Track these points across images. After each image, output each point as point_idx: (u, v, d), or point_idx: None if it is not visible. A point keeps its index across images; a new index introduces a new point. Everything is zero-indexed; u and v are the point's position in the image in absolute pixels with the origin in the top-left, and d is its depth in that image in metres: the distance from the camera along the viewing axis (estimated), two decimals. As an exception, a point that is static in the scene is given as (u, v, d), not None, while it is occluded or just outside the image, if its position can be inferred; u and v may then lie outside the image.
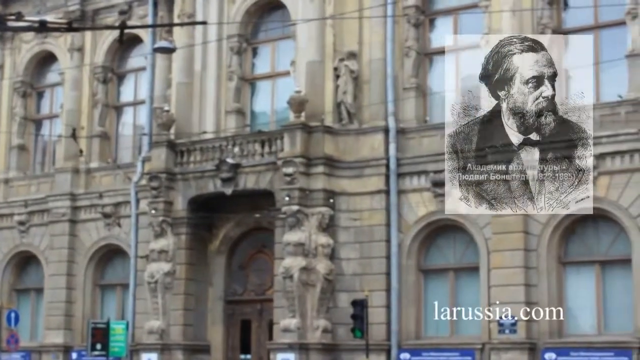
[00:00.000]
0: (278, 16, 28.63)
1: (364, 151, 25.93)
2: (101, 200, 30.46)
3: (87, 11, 32.03)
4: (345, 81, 26.34)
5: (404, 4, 26.32)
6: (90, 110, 31.75)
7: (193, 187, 27.42)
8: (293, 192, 25.29)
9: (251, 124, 28.66)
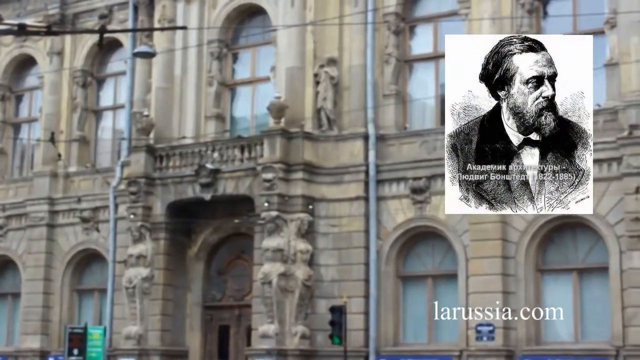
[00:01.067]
0: (259, 22, 28.65)
1: (343, 157, 25.95)
2: (79, 204, 30.31)
3: (67, 15, 31.94)
4: (325, 87, 26.36)
5: (384, 11, 26.37)
6: (69, 114, 31.64)
7: (172, 192, 27.37)
8: (272, 197, 25.27)
9: (231, 129, 28.64)
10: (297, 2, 26.75)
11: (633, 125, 22.35)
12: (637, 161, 22.18)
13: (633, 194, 21.97)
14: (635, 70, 22.66)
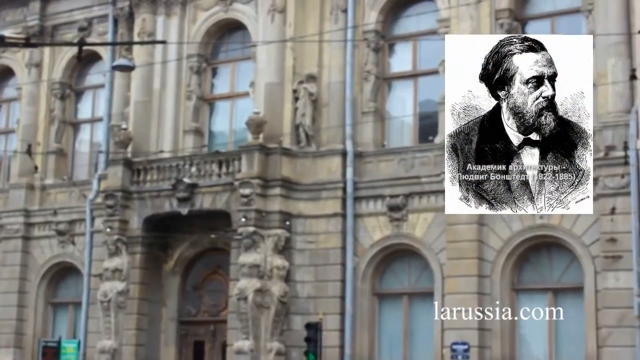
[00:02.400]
0: (238, 37, 28.70)
1: (321, 174, 25.97)
2: (55, 217, 30.15)
3: (46, 27, 31.84)
4: (304, 104, 26.40)
5: (364, 28, 26.47)
6: (46, 126, 31.50)
7: (149, 206, 27.28)
8: (249, 213, 25.24)
9: (209, 144, 28.61)
10: (277, 18, 26.80)
11: (609, 146, 22.50)
12: (613, 182, 22.31)
13: (609, 215, 22.09)
14: (612, 91, 22.83)
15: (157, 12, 29.03)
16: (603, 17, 23.34)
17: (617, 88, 22.68)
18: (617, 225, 22.11)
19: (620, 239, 22.06)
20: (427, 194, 24.82)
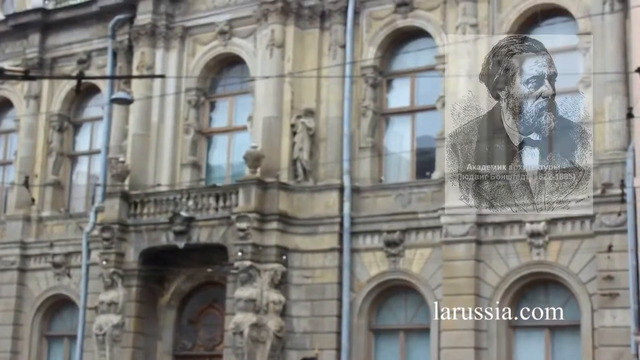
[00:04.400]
0: (237, 71, 28.81)
1: (318, 209, 25.95)
2: (52, 249, 30.08)
3: (45, 59, 31.93)
4: (302, 138, 26.44)
5: (362, 64, 26.56)
6: (44, 158, 31.51)
7: (145, 239, 27.24)
8: (246, 247, 25.20)
9: (206, 177, 28.62)
10: (276, 52, 26.91)
11: (606, 183, 22.53)
12: (610, 220, 22.32)
13: (605, 252, 22.08)
14: (609, 129, 22.90)
15: (156, 45, 29.15)
16: (600, 54, 23.45)
17: (614, 126, 22.76)
18: (614, 262, 22.08)
19: (617, 277, 22.03)
20: (424, 229, 24.81)
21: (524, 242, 23.46)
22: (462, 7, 25.18)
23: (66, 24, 31.78)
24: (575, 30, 24.23)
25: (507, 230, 23.76)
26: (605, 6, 23.34)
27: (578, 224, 23.04)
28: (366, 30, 26.84)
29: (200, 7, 29.04)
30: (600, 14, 23.33)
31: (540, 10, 24.71)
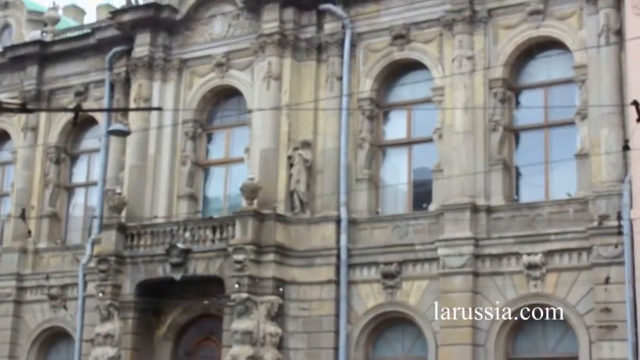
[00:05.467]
0: (234, 103, 28.90)
1: (315, 241, 25.92)
2: (48, 281, 29.99)
3: (43, 91, 32.03)
4: (299, 170, 26.46)
5: (359, 96, 26.64)
6: (41, 190, 31.52)
7: (142, 271, 27.17)
8: (243, 279, 25.14)
9: (203, 209, 28.62)
10: (273, 85, 26.99)
11: (603, 215, 22.53)
12: (607, 251, 22.31)
13: (603, 284, 22.04)
14: (606, 161, 22.95)
15: (153, 77, 29.25)
16: (596, 87, 23.56)
17: (611, 158, 22.81)
18: (612, 295, 22.06)
19: (615, 309, 22.00)
20: (421, 261, 24.79)
21: (521, 274, 23.43)
22: (458, 39, 25.31)
23: (64, 57, 31.92)
24: (571, 63, 24.36)
25: (504, 262, 23.74)
26: (601, 39, 23.47)
27: (575, 256, 23.04)
28: (363, 62, 26.95)
29: (198, 39, 29.17)
30: (596, 46, 23.46)
31: (536, 42, 24.87)
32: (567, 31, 24.40)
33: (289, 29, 27.25)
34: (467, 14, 25.24)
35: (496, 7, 25.30)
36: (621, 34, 23.30)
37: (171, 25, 29.38)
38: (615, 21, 23.50)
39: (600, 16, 23.63)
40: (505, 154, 24.72)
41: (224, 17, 28.76)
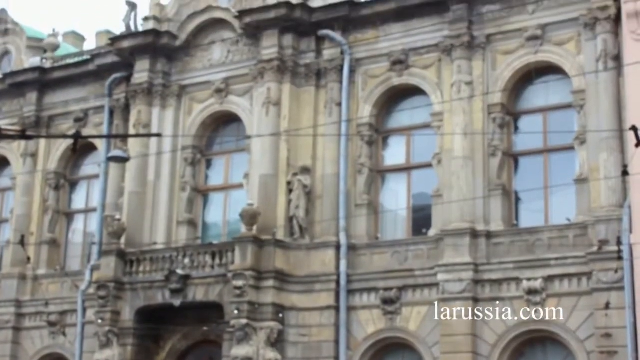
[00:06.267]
0: (233, 129, 28.93)
1: (314, 266, 25.89)
2: (47, 308, 29.90)
3: (42, 117, 32.07)
4: (298, 196, 26.46)
5: (358, 121, 26.68)
6: (40, 216, 31.50)
7: (141, 297, 27.11)
8: (242, 305, 25.08)
9: (203, 235, 28.61)
10: (272, 110, 27.04)
11: (602, 240, 22.52)
12: (607, 277, 22.28)
13: (603, 310, 21.99)
14: (605, 186, 22.96)
15: (152, 103, 29.31)
16: (595, 112, 23.61)
17: (610, 183, 22.82)
18: (612, 320, 22.01)
19: (615, 334, 21.95)
20: (421, 287, 24.75)
21: (521, 299, 23.38)
22: (457, 65, 25.39)
23: (63, 83, 31.98)
24: (570, 88, 24.43)
25: (504, 287, 23.70)
26: (599, 64, 23.55)
27: (575, 281, 23.00)
28: (362, 88, 27.02)
29: (197, 65, 29.24)
30: (594, 72, 23.54)
31: (534, 68, 24.93)
32: (566, 56, 24.48)
33: (288, 55, 27.33)
34: (466, 40, 25.33)
35: (494, 32, 25.40)
36: (619, 60, 23.38)
37: (170, 51, 29.46)
38: (613, 47, 23.59)
39: (598, 42, 23.73)
40: (504, 179, 24.74)
41: (223, 44, 28.85)
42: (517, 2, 25.08)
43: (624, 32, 23.18)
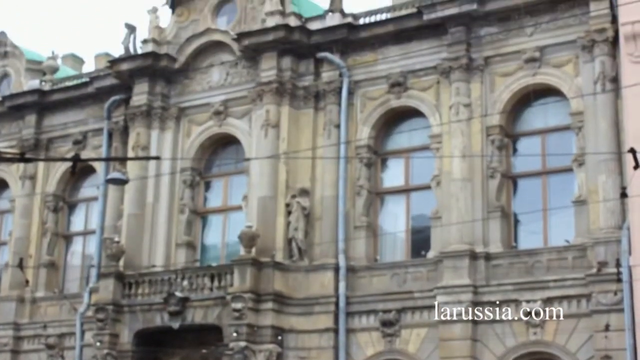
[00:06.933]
0: (232, 151, 28.96)
1: (313, 288, 25.85)
2: (45, 330, 29.80)
3: (41, 139, 32.09)
4: (297, 217, 26.45)
5: (356, 143, 26.71)
6: (39, 238, 31.47)
7: (140, 320, 27.05)
8: (241, 327, 25.03)
9: (201, 257, 28.58)
10: (271, 132, 27.07)
11: (602, 262, 22.50)
12: (606, 298, 22.25)
13: (603, 332, 21.94)
14: (603, 207, 22.96)
15: (151, 126, 29.34)
16: (593, 134, 23.65)
17: (609, 204, 22.82)
18: (612, 342, 21.94)
19: (616, 356, 21.90)
20: (420, 309, 24.70)
21: (520, 321, 23.33)
22: (455, 87, 25.45)
23: (62, 105, 32.04)
24: (568, 110, 24.46)
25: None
26: (597, 86, 23.61)
27: (574, 303, 22.96)
28: (360, 110, 27.06)
29: (196, 88, 29.30)
30: (592, 94, 23.58)
31: (532, 90, 24.99)
32: (564, 78, 24.55)
33: (286, 77, 27.40)
34: (464, 62, 25.40)
35: (492, 55, 25.48)
36: (617, 82, 23.43)
37: (169, 73, 29.53)
38: (611, 69, 23.65)
39: (596, 64, 23.80)
40: (503, 200, 24.75)
41: (222, 66, 28.90)
42: (515, 25, 25.14)
43: (622, 54, 23.24)
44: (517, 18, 25.13)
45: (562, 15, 24.58)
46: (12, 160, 17.58)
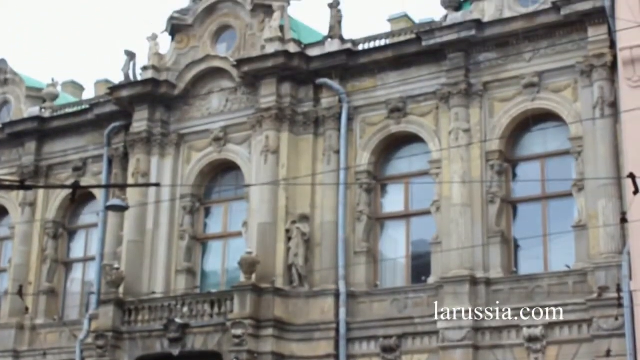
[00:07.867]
0: (232, 177, 28.98)
1: (314, 314, 25.79)
2: (45, 358, 29.74)
3: (41, 166, 32.12)
4: (297, 243, 26.43)
5: (356, 169, 26.73)
6: (39, 265, 31.42)
7: (140, 346, 26.97)
8: (241, 354, 24.95)
9: (201, 284, 28.54)
10: (271, 159, 27.10)
11: (602, 287, 22.46)
12: (607, 323, 22.20)
13: (604, 357, 21.87)
14: (603, 232, 22.94)
15: (151, 152, 29.37)
16: (592, 159, 23.67)
17: (609, 229, 22.80)
18: (613, 367, 21.90)
19: (617, 382, 21.84)
20: (421, 334, 24.64)
21: (521, 347, 23.28)
22: (454, 112, 25.50)
23: (62, 132, 32.08)
24: (567, 135, 24.51)
25: (505, 334, 23.59)
26: (596, 111, 23.67)
27: (576, 328, 22.91)
28: (360, 135, 27.11)
29: (195, 114, 29.36)
30: (592, 119, 23.63)
31: (531, 115, 25.05)
32: (563, 104, 24.61)
33: (286, 103, 27.46)
34: (463, 87, 25.47)
35: (491, 80, 25.55)
36: (616, 106, 23.48)
37: (169, 100, 29.60)
38: (610, 94, 23.72)
39: (595, 89, 23.87)
40: (503, 226, 24.74)
41: (221, 92, 28.97)
42: (514, 50, 25.24)
43: (620, 79, 23.28)
44: (516, 44, 25.23)
45: (561, 41, 24.65)
46: (12, 188, 17.47)
